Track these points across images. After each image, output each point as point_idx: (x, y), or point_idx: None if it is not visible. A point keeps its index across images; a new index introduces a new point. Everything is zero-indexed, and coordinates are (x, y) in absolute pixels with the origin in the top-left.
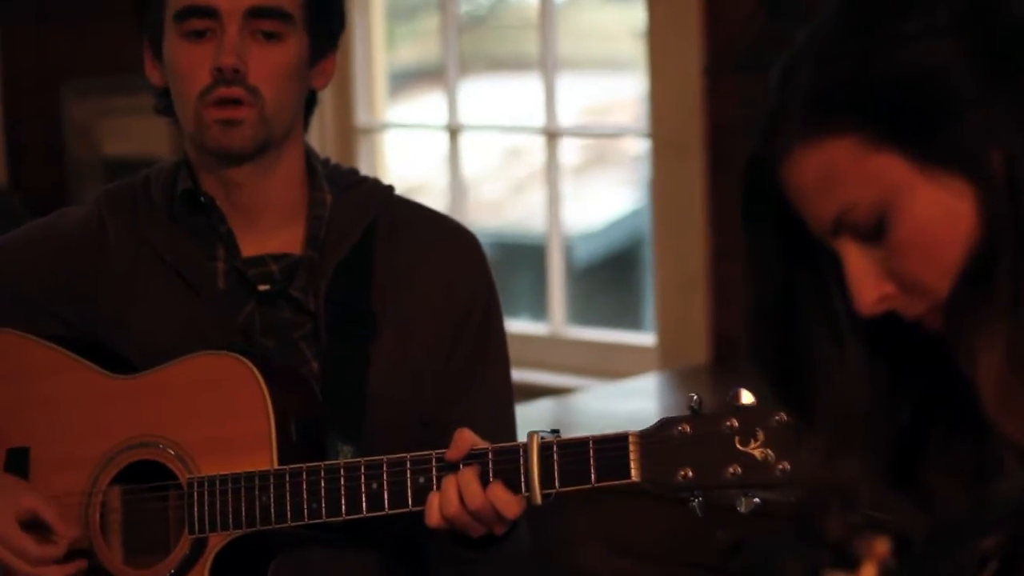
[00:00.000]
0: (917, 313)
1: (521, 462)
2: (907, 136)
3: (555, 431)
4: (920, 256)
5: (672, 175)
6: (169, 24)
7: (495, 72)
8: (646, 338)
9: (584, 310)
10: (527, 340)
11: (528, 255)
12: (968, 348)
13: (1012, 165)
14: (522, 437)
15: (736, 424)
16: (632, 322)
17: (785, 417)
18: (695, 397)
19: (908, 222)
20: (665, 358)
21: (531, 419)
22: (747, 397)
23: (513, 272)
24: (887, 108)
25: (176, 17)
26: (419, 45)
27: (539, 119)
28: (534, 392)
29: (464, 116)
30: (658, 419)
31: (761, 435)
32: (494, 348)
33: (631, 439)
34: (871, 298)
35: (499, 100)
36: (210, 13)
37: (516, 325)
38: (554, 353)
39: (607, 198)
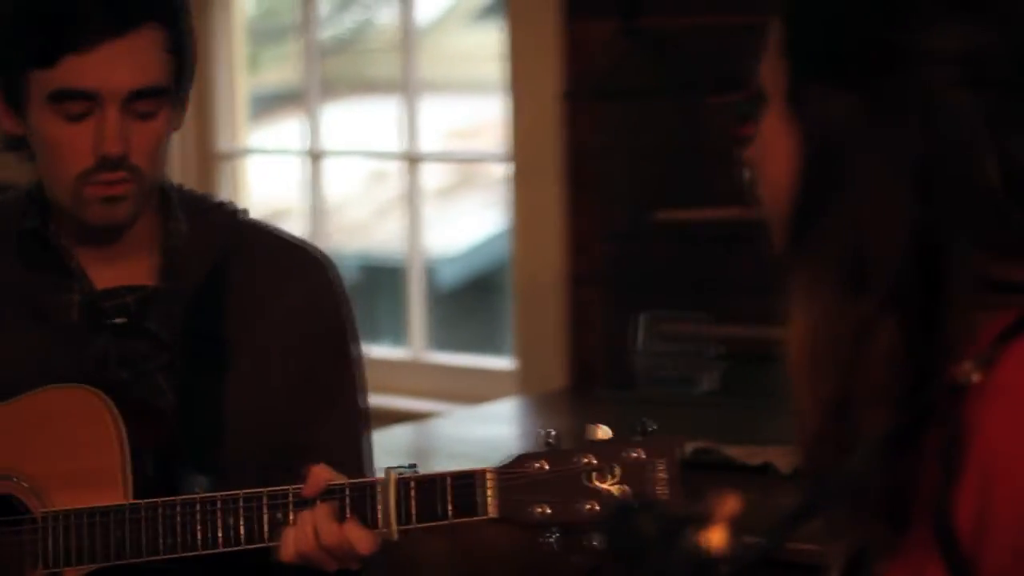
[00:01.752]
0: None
1: (378, 498)
2: (794, 58)
3: (412, 465)
4: (759, 165)
5: (531, 199)
6: (39, 97)
7: (360, 95)
8: (505, 363)
9: (447, 334)
10: (387, 365)
11: (392, 279)
12: (789, 302)
13: (833, 123)
14: (380, 463)
15: (592, 460)
16: (496, 346)
17: (642, 454)
18: (551, 432)
19: (762, 126)
20: (524, 383)
21: (390, 445)
22: (604, 432)
23: (377, 296)
24: (807, 29)
25: (52, 97)
26: (284, 69)
27: (402, 143)
28: (394, 417)
29: (329, 140)
30: (515, 454)
31: (618, 471)
32: (350, 373)
33: (487, 475)
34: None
35: (364, 124)
36: (90, 96)
37: (377, 350)
38: (414, 378)
39: (472, 221)
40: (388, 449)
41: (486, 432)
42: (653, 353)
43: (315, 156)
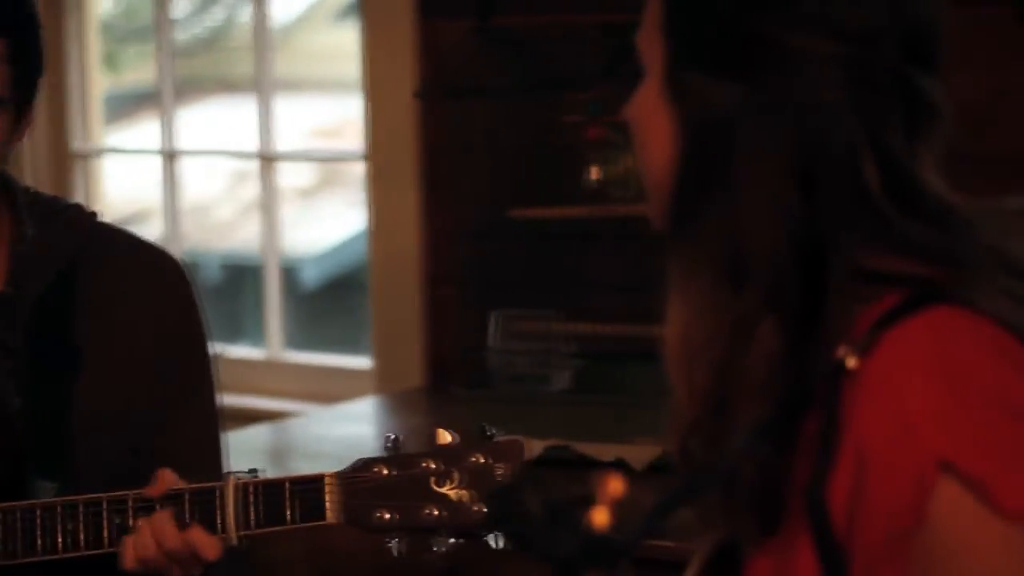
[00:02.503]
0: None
1: (217, 503)
2: (673, 39)
3: (253, 470)
4: (638, 137)
5: (388, 199)
6: None
7: (222, 95)
8: (364, 362)
9: (309, 334)
10: (246, 365)
11: (255, 279)
12: (668, 293)
13: (715, 115)
14: (237, 464)
15: (433, 465)
16: (358, 345)
17: (483, 459)
18: (394, 437)
19: (636, 97)
20: (382, 382)
21: (248, 445)
22: (445, 437)
23: (239, 296)
24: (686, 13)
25: None
26: (144, 69)
27: (258, 143)
28: (252, 417)
29: (188, 140)
30: (358, 459)
31: (457, 476)
32: (203, 376)
33: (327, 480)
34: (625, 110)
35: (224, 124)
36: None
37: (236, 350)
38: (272, 378)
39: (335, 221)
40: (245, 449)
41: (343, 432)
42: (507, 351)
43: (170, 156)
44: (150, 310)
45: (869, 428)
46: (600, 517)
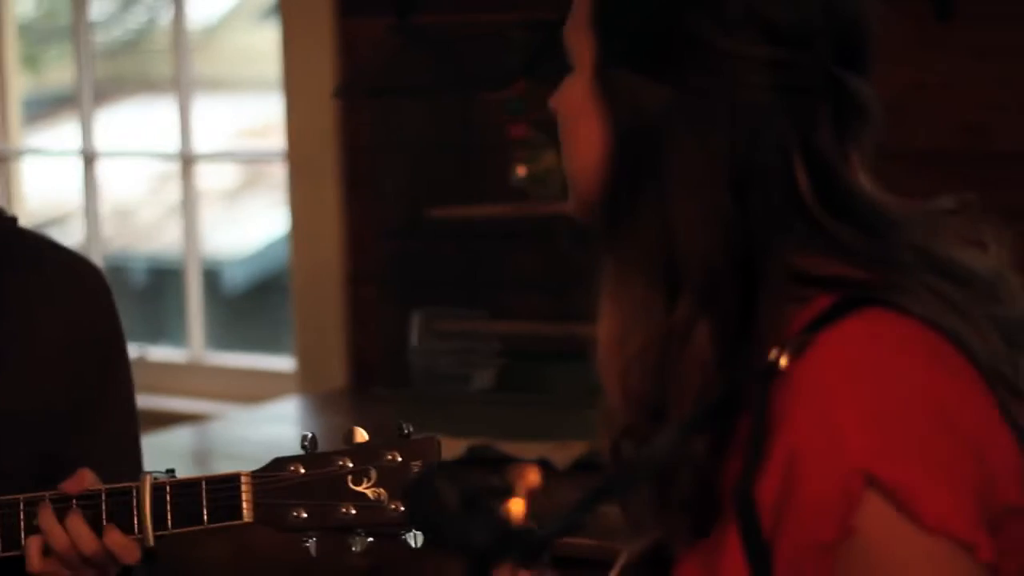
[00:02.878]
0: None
1: (134, 504)
2: (602, 36)
3: (170, 471)
4: (566, 133)
5: (309, 199)
6: None
7: (144, 96)
8: (286, 363)
9: (235, 336)
10: (167, 367)
11: (180, 281)
12: (600, 295)
13: (646, 116)
14: (158, 465)
15: (349, 464)
16: (282, 347)
17: (399, 457)
18: (309, 436)
19: (566, 91)
20: (305, 382)
21: (169, 447)
22: (361, 435)
23: (164, 299)
24: (615, 9)
25: None
26: (65, 70)
27: (178, 144)
28: (174, 419)
29: (110, 141)
30: (272, 459)
31: (374, 474)
32: (119, 382)
33: (243, 479)
34: (551, 99)
35: (147, 125)
36: None
37: (157, 352)
38: (193, 379)
39: (261, 222)
40: (167, 451)
41: (266, 433)
42: (429, 351)
43: (90, 158)
44: (66, 314)
45: (800, 432)
46: (516, 508)
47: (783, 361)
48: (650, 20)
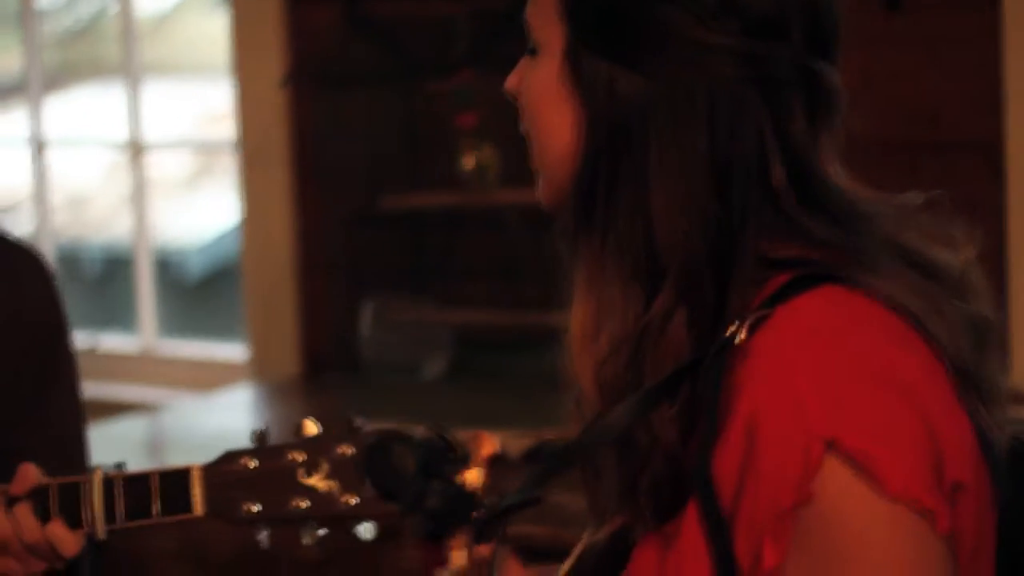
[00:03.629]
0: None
1: (83, 498)
2: (573, 24)
3: (119, 464)
4: (533, 121)
5: (260, 187)
6: None
7: (93, 83)
8: (239, 351)
9: (190, 324)
10: (119, 356)
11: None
12: (574, 287)
13: (622, 107)
14: (111, 455)
15: (300, 457)
16: (239, 335)
17: (350, 449)
18: (261, 429)
19: (532, 76)
20: (258, 371)
21: (122, 436)
22: (311, 428)
23: (119, 287)
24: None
25: None
26: (13, 57)
27: (141, 131)
28: (126, 408)
29: (63, 128)
30: (223, 452)
31: (325, 467)
32: (65, 372)
33: (194, 473)
34: (508, 82)
35: (99, 112)
36: None
37: (109, 340)
38: (146, 368)
39: (218, 209)
40: (119, 441)
41: (218, 422)
42: (380, 340)
43: (39, 146)
44: (8, 302)
45: (760, 402)
46: (473, 476)
47: (741, 335)
48: (624, 8)
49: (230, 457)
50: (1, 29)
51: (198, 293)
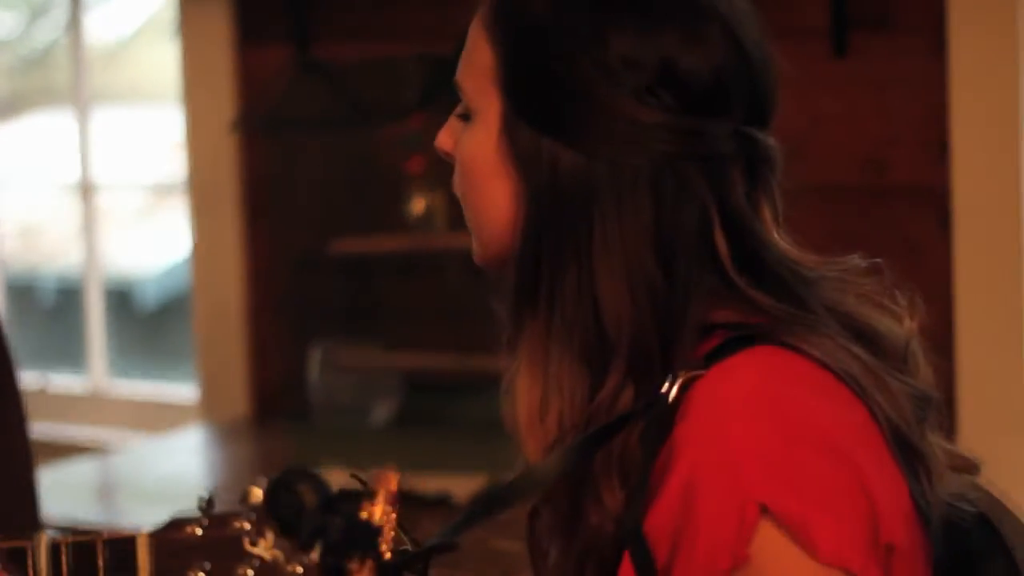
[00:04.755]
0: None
1: (29, 562)
2: (510, 97)
3: (67, 530)
4: (468, 189)
5: (208, 227)
6: None
7: (45, 112)
8: (188, 391)
9: (144, 353)
10: (67, 397)
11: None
12: (517, 366)
13: (565, 185)
14: (63, 499)
15: (246, 525)
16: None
17: None
18: (204, 496)
19: (467, 141)
20: (207, 411)
21: (74, 480)
22: (257, 495)
23: (73, 318)
24: (522, 73)
25: None
26: None
27: (90, 170)
28: (75, 450)
29: (14, 158)
30: (169, 518)
31: (271, 536)
32: (12, 411)
33: (140, 540)
34: (440, 140)
35: (54, 140)
36: None
37: (58, 379)
38: (95, 408)
39: (172, 238)
40: (70, 485)
41: (170, 466)
42: (328, 385)
43: None
44: None
45: (697, 464)
46: (375, 511)
47: (673, 393)
48: (561, 85)
49: (177, 524)
50: None
51: (153, 321)
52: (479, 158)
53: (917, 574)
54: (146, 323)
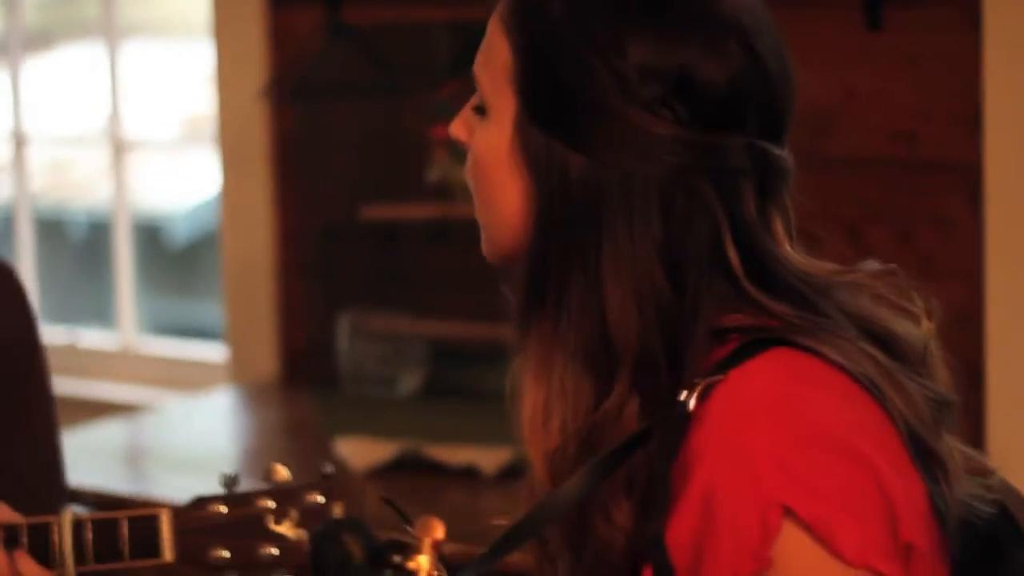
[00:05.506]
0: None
1: (54, 539)
2: (525, 100)
3: (93, 500)
4: (480, 185)
5: (238, 187)
6: None
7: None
8: (217, 351)
9: (172, 292)
10: (97, 352)
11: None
12: (524, 368)
13: (576, 191)
14: (93, 464)
15: (270, 504)
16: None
17: (320, 498)
18: (228, 475)
19: (481, 136)
20: (236, 372)
21: (100, 445)
22: (282, 473)
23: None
24: (540, 77)
25: None
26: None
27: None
28: (103, 407)
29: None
30: (194, 497)
31: (295, 515)
32: (37, 390)
33: (164, 517)
34: (455, 130)
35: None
36: None
37: (87, 337)
38: (125, 366)
39: (204, 175)
40: (98, 451)
41: (197, 430)
42: (357, 352)
43: (19, 141)
44: None
45: (716, 471)
46: (422, 564)
47: (691, 403)
48: (574, 93)
49: (200, 503)
50: None
51: (183, 258)
52: (492, 154)
53: (936, 574)
54: (176, 260)
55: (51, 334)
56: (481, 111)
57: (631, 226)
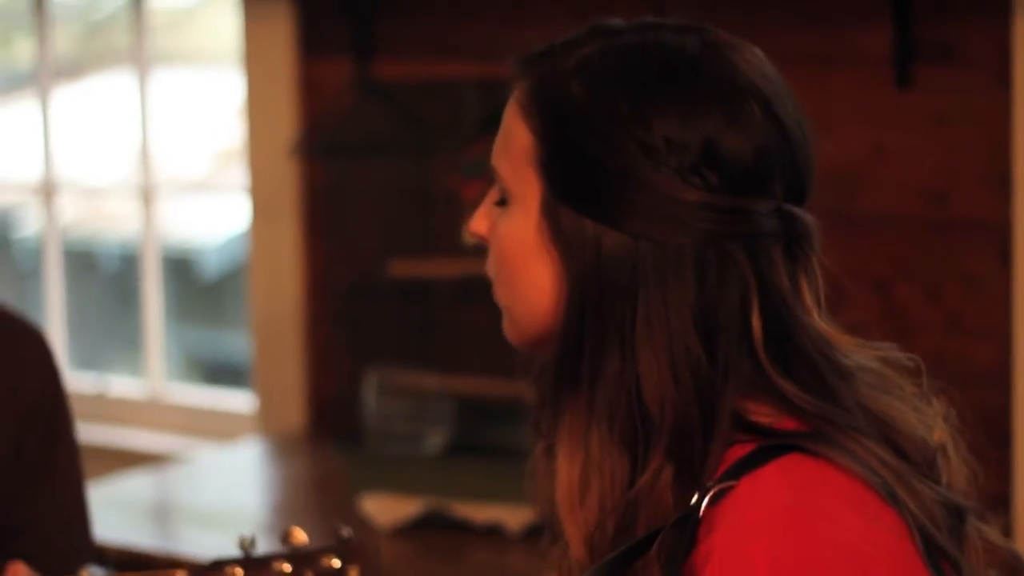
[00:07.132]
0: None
1: None
2: (551, 181)
3: (106, 567)
4: (504, 271)
5: (268, 240)
6: None
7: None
8: (245, 400)
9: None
10: (126, 401)
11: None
12: (555, 444)
13: (609, 267)
14: (121, 518)
15: (287, 567)
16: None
17: (336, 562)
18: (246, 537)
19: (505, 226)
20: (264, 422)
21: (127, 499)
22: (299, 536)
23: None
24: (565, 157)
25: None
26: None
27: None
28: (132, 456)
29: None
30: (212, 559)
31: None
32: (63, 449)
33: None
34: (475, 225)
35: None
36: None
37: (116, 385)
38: (153, 414)
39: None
40: (125, 504)
41: (225, 484)
42: (383, 410)
43: (48, 189)
44: (6, 382)
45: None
46: None
47: (702, 508)
48: (604, 166)
49: (218, 565)
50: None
51: (213, 291)
52: (518, 242)
53: None
54: (208, 292)
55: (80, 381)
56: (503, 202)
57: (665, 294)
